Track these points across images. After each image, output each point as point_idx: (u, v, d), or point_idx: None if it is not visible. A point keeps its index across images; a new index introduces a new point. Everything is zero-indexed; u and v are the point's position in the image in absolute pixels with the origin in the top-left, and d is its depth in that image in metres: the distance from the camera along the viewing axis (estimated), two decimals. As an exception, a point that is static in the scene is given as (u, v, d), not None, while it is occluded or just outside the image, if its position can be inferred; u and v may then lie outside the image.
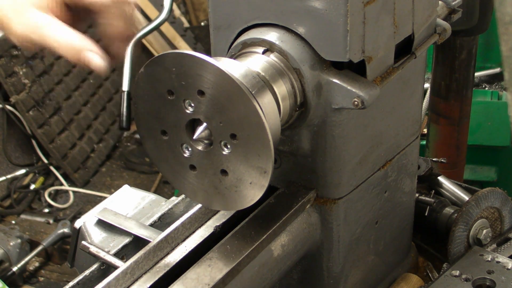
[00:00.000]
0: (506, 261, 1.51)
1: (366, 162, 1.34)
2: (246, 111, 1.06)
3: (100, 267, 1.46)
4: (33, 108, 4.42)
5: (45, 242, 3.90)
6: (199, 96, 1.09)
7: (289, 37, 1.19)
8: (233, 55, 1.24)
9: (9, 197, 4.35)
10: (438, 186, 1.77)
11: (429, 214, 1.68)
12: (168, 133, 1.16)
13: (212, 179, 1.16)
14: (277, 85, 1.17)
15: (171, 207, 1.66)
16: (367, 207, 1.39)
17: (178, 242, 1.25)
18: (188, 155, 1.16)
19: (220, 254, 1.18)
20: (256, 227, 1.22)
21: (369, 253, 1.46)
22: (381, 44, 1.23)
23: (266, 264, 1.24)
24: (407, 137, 1.45)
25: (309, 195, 1.29)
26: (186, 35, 5.67)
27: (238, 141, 1.10)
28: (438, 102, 2.47)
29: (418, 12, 1.30)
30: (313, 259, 1.38)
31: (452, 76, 2.40)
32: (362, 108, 1.18)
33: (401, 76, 1.31)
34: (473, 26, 2.21)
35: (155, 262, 1.21)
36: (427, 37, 1.37)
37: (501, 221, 1.67)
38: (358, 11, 1.15)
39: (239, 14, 1.23)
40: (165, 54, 1.10)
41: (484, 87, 3.46)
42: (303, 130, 1.26)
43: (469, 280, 1.47)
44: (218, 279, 1.13)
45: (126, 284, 1.17)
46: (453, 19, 1.48)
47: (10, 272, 3.70)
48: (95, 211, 1.65)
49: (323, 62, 1.20)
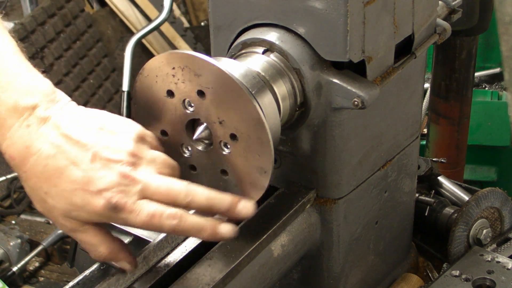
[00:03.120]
0: (506, 261, 1.51)
1: (366, 162, 1.34)
2: (246, 111, 1.06)
3: (100, 267, 1.46)
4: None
5: (45, 242, 3.90)
6: (199, 96, 1.09)
7: (289, 37, 1.19)
8: (233, 55, 1.24)
9: (9, 197, 4.34)
10: (438, 186, 1.77)
11: (429, 214, 1.68)
12: (168, 133, 1.16)
13: (212, 179, 1.16)
14: (277, 85, 1.17)
15: (171, 207, 1.66)
16: (367, 207, 1.39)
17: (178, 242, 1.25)
18: (188, 155, 1.16)
19: (220, 254, 1.18)
20: (256, 227, 1.22)
21: (369, 253, 1.46)
22: (381, 44, 1.23)
23: (266, 264, 1.24)
24: (407, 137, 1.45)
25: (309, 195, 1.29)
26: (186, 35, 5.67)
27: (238, 141, 1.10)
28: (438, 102, 2.47)
29: (418, 12, 1.30)
30: (313, 259, 1.38)
31: (452, 76, 2.39)
32: (362, 108, 1.18)
33: (401, 76, 1.31)
34: (473, 26, 2.21)
35: (155, 262, 1.21)
36: (427, 37, 1.37)
37: (501, 221, 1.67)
38: (358, 11, 1.15)
39: (239, 14, 1.23)
40: (165, 54, 1.10)
41: (484, 87, 3.46)
42: (303, 130, 1.26)
43: (469, 280, 1.47)
44: (218, 279, 1.13)
45: (126, 284, 1.17)
46: (453, 19, 1.48)
47: (10, 272, 3.69)
48: (95, 211, 1.64)
49: (323, 62, 1.20)
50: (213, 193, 1.09)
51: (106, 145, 1.04)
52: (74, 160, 1.03)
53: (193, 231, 1.08)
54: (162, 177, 1.07)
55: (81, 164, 1.03)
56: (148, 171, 1.06)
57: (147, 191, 1.04)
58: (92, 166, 1.02)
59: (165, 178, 1.07)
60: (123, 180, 1.03)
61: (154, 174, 1.06)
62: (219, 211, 1.10)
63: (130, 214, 1.03)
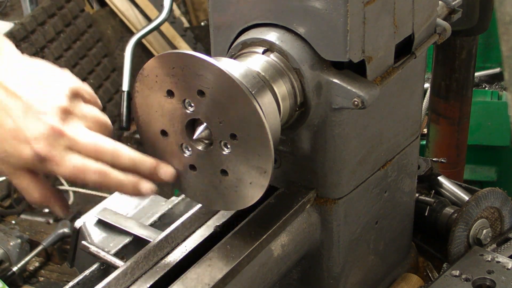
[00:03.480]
0: (506, 261, 1.51)
1: (366, 162, 1.34)
2: (246, 111, 1.06)
3: (100, 267, 1.47)
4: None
5: (45, 242, 3.90)
6: (199, 96, 1.09)
7: (289, 37, 1.19)
8: (233, 55, 1.24)
9: (9, 197, 4.35)
10: (438, 186, 1.77)
11: (429, 214, 1.68)
12: (168, 133, 1.16)
13: (212, 179, 1.16)
14: (277, 85, 1.17)
15: (171, 207, 1.66)
16: (367, 207, 1.39)
17: (178, 242, 1.25)
18: (188, 155, 1.16)
19: (220, 254, 1.18)
20: (256, 227, 1.22)
21: (369, 253, 1.46)
22: (381, 44, 1.23)
23: (266, 264, 1.24)
24: (407, 137, 1.45)
25: (309, 195, 1.29)
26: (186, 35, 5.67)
27: (238, 141, 1.10)
28: (438, 102, 2.47)
29: (418, 12, 1.30)
30: (313, 259, 1.38)
31: (452, 76, 2.39)
32: (362, 108, 1.18)
33: (401, 76, 1.31)
34: (473, 26, 2.21)
35: (155, 262, 1.21)
36: (427, 37, 1.37)
37: (501, 221, 1.67)
38: (358, 11, 1.15)
39: (239, 14, 1.23)
40: (165, 54, 1.10)
41: (484, 87, 3.45)
42: (303, 130, 1.26)
43: (469, 280, 1.47)
44: (218, 279, 1.13)
45: (126, 284, 1.17)
46: (453, 19, 1.48)
47: (10, 272, 3.69)
48: (95, 211, 1.65)
49: (323, 62, 1.20)
50: (137, 155, 1.14)
51: (39, 98, 1.09)
52: (9, 110, 1.08)
53: (115, 186, 1.13)
54: (91, 133, 1.12)
55: (13, 115, 1.08)
56: (78, 126, 1.11)
57: (75, 145, 1.10)
58: (23, 117, 1.08)
59: (94, 135, 1.12)
60: (51, 133, 1.08)
61: (83, 129, 1.11)
62: (143, 172, 1.15)
63: (57, 166, 1.09)
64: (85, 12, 4.99)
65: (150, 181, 1.15)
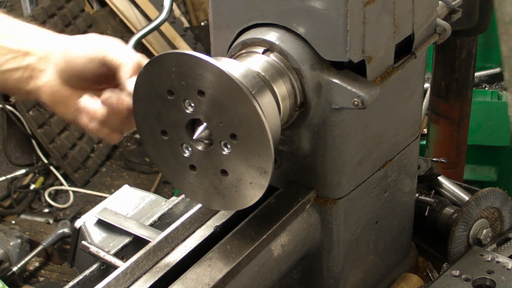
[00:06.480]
0: (506, 261, 1.51)
1: (366, 162, 1.34)
2: (246, 111, 1.06)
3: (100, 267, 1.47)
4: (33, 108, 4.41)
5: (45, 242, 3.90)
6: (199, 96, 1.09)
7: (289, 37, 1.19)
8: (233, 55, 1.24)
9: (9, 197, 4.35)
10: (438, 186, 1.77)
11: (429, 214, 1.68)
12: (168, 133, 1.16)
13: (212, 179, 1.16)
14: (277, 85, 1.17)
15: (171, 207, 1.66)
16: (367, 207, 1.39)
17: (178, 242, 1.25)
18: (188, 155, 1.16)
19: (220, 254, 1.18)
20: (256, 227, 1.23)
21: (369, 253, 1.46)
22: (381, 44, 1.23)
23: (266, 264, 1.24)
24: (407, 137, 1.45)
25: (309, 195, 1.29)
26: (186, 35, 5.67)
27: (238, 141, 1.10)
28: (438, 102, 2.47)
29: (418, 12, 1.30)
30: (313, 259, 1.38)
31: (452, 76, 2.39)
32: (362, 108, 1.18)
33: (401, 76, 1.31)
34: (473, 26, 2.21)
35: (155, 262, 1.21)
36: (427, 37, 1.37)
37: (501, 221, 1.67)
38: (358, 11, 1.15)
39: (239, 14, 1.23)
40: (165, 54, 1.10)
41: (484, 87, 3.45)
42: (303, 130, 1.26)
43: (469, 280, 1.47)
44: (218, 279, 1.13)
45: (126, 284, 1.17)
46: (453, 19, 1.48)
47: (10, 272, 3.69)
48: (95, 211, 1.65)
49: (323, 62, 1.20)
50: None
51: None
52: None
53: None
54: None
55: None
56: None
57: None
58: None
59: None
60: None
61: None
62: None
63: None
64: (85, 12, 4.99)
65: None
